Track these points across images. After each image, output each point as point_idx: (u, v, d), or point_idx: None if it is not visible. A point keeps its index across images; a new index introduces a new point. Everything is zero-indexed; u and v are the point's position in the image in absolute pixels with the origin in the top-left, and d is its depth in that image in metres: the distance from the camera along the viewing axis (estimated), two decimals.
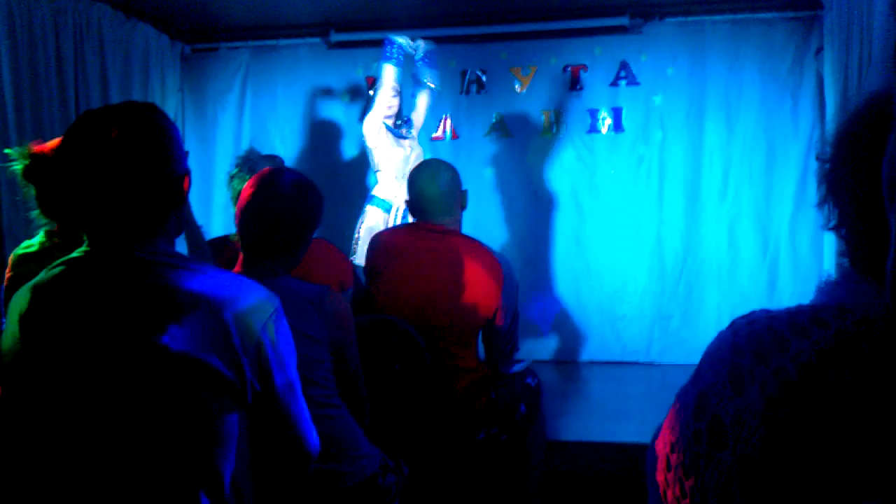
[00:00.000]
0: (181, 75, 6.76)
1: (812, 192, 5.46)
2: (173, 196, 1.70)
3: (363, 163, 6.65)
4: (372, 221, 5.29)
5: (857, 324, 1.01)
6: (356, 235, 5.35)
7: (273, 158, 3.65)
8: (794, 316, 1.06)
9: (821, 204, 1.15)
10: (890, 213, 0.85)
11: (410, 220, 3.40)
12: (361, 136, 5.58)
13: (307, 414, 1.83)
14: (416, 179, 3.31)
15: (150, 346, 1.54)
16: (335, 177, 6.56)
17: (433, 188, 3.24)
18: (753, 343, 1.07)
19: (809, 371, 0.99)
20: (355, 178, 6.69)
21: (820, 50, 5.78)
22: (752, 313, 1.12)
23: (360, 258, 5.06)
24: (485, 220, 6.40)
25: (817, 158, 1.15)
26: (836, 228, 1.13)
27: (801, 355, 1.01)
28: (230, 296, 1.62)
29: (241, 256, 2.44)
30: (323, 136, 6.79)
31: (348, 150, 6.74)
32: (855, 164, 1.07)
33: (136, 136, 1.63)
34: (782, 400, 1.00)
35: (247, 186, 2.50)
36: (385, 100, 5.39)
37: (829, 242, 5.31)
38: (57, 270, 1.67)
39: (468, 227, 3.61)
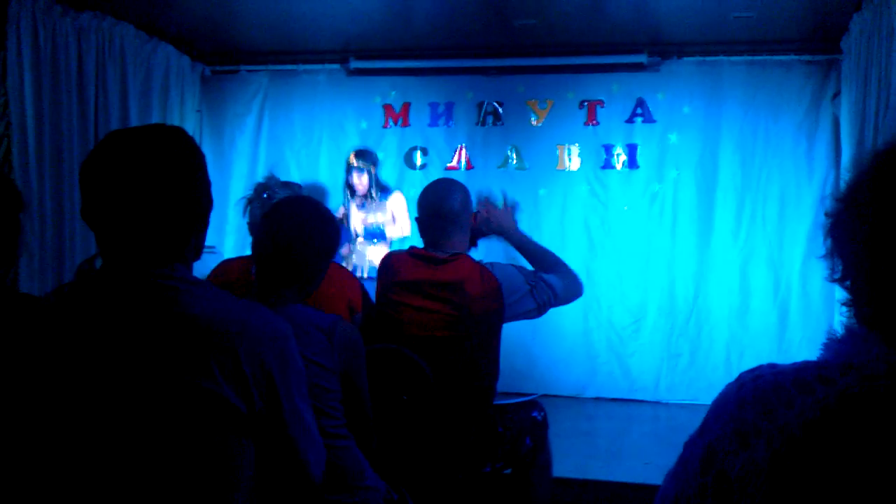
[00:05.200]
0: (200, 96, 6.84)
1: None
2: (195, 221, 1.70)
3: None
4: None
5: (861, 381, 1.02)
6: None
7: (292, 186, 3.64)
8: (800, 372, 1.07)
9: (826, 256, 1.17)
10: None
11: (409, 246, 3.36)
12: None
13: (315, 440, 1.80)
14: (429, 196, 3.27)
15: (157, 372, 1.53)
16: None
17: (446, 206, 3.20)
18: (759, 398, 1.07)
19: (814, 428, 1.00)
20: None
21: (837, 94, 5.80)
22: (759, 368, 1.13)
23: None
24: (495, 251, 6.40)
25: (825, 214, 1.16)
26: (840, 280, 1.15)
27: (806, 412, 1.02)
28: (242, 324, 1.60)
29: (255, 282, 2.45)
30: (339, 162, 6.82)
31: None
32: (862, 218, 1.09)
33: (163, 158, 1.62)
34: (787, 456, 1.01)
35: (264, 214, 2.52)
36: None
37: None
38: (69, 290, 1.66)
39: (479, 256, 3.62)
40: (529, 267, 3.33)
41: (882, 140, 4.12)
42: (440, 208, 3.20)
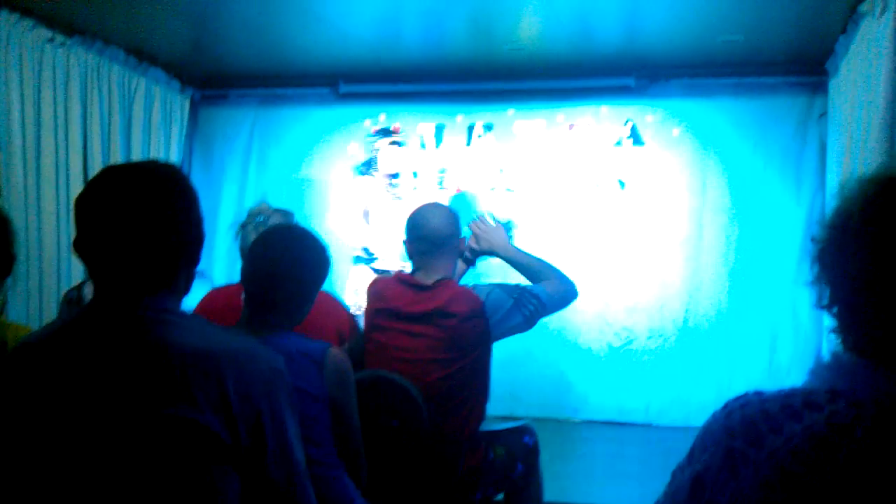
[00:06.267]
0: (190, 120, 6.81)
1: None
2: (185, 258, 1.71)
3: (367, 214, 6.70)
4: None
5: (849, 407, 1.02)
6: None
7: (284, 212, 3.65)
8: (787, 399, 1.07)
9: (814, 282, 1.17)
10: None
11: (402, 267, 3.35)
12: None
13: (302, 478, 1.78)
14: (416, 220, 3.27)
15: (145, 404, 1.53)
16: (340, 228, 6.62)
17: (432, 230, 3.21)
18: (747, 426, 1.07)
19: (802, 455, 1.00)
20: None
21: (823, 115, 5.83)
22: (745, 395, 1.13)
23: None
24: (485, 271, 6.40)
25: (812, 240, 1.17)
26: (827, 307, 1.15)
27: (794, 439, 1.02)
28: (232, 357, 1.60)
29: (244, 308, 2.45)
30: (329, 186, 6.82)
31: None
32: (849, 245, 1.09)
33: (156, 197, 1.65)
34: (776, 484, 1.00)
35: (255, 241, 2.52)
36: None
37: None
38: (61, 323, 1.67)
39: (470, 276, 3.62)
40: (526, 282, 3.35)
41: (867, 162, 4.14)
42: (426, 232, 3.21)
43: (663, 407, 6.22)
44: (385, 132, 5.78)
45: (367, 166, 5.80)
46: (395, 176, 5.78)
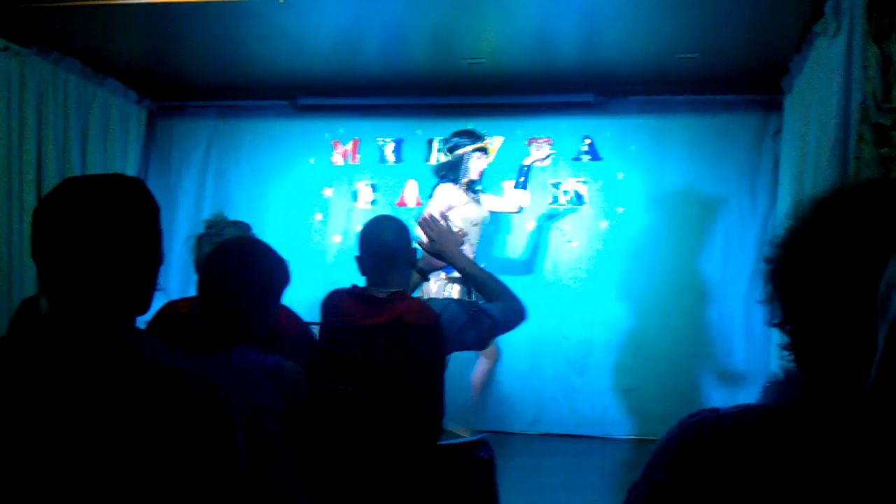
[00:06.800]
0: (147, 131, 6.74)
1: None
2: (144, 275, 1.68)
3: (325, 226, 6.68)
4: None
5: (800, 424, 1.03)
6: None
7: (240, 225, 3.61)
8: (740, 416, 1.09)
9: (766, 301, 1.18)
10: (880, 326, 0.88)
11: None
12: (326, 199, 5.67)
13: (248, 498, 1.77)
14: (367, 233, 3.24)
15: (99, 424, 1.51)
16: (297, 241, 6.58)
17: (383, 243, 3.18)
18: (700, 443, 1.08)
19: (755, 472, 1.01)
20: (318, 241, 6.70)
21: (778, 132, 5.91)
22: (699, 412, 1.14)
23: None
24: None
25: (764, 260, 1.18)
26: (780, 325, 1.16)
27: (748, 455, 1.03)
28: (181, 378, 1.58)
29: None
30: (286, 198, 6.79)
31: (311, 213, 6.75)
32: (799, 264, 1.11)
33: (117, 213, 1.62)
34: (729, 500, 1.01)
35: (210, 253, 2.49)
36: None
37: None
38: (12, 338, 1.63)
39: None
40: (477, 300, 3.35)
41: (820, 180, 4.20)
42: (377, 245, 3.19)
43: (619, 419, 6.26)
44: (470, 136, 5.76)
45: (453, 171, 5.75)
46: (476, 182, 5.80)
